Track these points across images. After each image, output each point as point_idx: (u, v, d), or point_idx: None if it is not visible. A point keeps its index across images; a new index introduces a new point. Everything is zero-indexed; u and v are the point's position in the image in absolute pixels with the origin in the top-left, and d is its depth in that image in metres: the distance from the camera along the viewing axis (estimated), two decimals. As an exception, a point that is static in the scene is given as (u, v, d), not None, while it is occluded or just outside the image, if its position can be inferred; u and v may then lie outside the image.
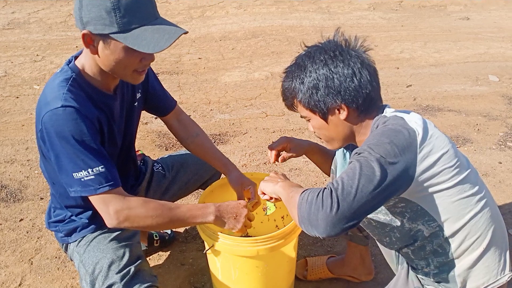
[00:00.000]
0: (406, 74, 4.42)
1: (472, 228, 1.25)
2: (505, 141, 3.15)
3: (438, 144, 1.21)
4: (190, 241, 2.20)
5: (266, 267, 1.57)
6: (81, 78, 1.35)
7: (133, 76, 1.34)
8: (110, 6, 1.17)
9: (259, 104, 3.74)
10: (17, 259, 2.08)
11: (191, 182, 1.92)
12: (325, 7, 7.06)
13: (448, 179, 1.21)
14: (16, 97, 3.85)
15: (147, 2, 1.24)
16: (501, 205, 2.44)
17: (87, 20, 1.20)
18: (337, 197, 1.09)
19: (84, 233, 1.52)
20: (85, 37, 1.24)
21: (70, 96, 1.28)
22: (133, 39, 1.20)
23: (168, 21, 1.29)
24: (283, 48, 5.13)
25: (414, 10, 7.08)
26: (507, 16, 6.77)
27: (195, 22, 6.23)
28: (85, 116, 1.29)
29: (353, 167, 1.14)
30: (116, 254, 1.43)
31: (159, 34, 1.22)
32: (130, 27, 1.20)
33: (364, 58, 1.30)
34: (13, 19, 6.11)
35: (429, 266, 1.34)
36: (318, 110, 1.29)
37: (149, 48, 1.20)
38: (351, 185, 1.10)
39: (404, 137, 1.17)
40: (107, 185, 1.30)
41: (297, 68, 1.32)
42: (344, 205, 1.09)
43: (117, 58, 1.26)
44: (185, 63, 4.70)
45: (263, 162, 2.87)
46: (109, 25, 1.19)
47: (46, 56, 4.79)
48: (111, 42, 1.23)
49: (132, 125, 1.62)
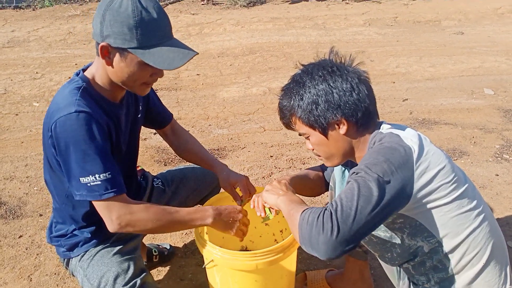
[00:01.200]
0: (402, 88, 4.47)
1: (471, 243, 1.26)
2: (501, 153, 3.17)
3: (434, 160, 1.22)
4: (189, 256, 2.20)
5: (265, 281, 1.57)
6: (91, 87, 1.40)
7: (141, 88, 1.41)
8: (133, 24, 1.25)
9: (257, 119, 3.77)
10: (16, 275, 2.07)
11: (190, 198, 1.93)
12: (321, 23, 7.15)
13: (445, 194, 1.22)
14: (15, 114, 3.87)
15: (166, 23, 1.33)
16: (499, 217, 2.45)
17: (107, 33, 1.27)
18: (337, 220, 1.10)
19: (87, 247, 1.53)
20: (103, 49, 1.29)
21: (82, 102, 1.33)
22: (150, 56, 1.28)
23: (181, 42, 1.38)
24: (280, 64, 5.19)
25: (409, 26, 7.18)
26: (500, 30, 6.87)
27: (193, 39, 6.30)
28: (97, 122, 1.33)
29: (351, 188, 1.15)
30: (121, 267, 1.45)
31: (174, 53, 1.31)
32: (149, 44, 1.28)
33: (360, 73, 1.32)
34: (13, 37, 6.18)
35: (429, 282, 1.34)
36: (318, 125, 1.30)
37: (164, 65, 1.29)
38: (350, 206, 1.11)
39: (400, 155, 1.18)
40: (112, 191, 1.33)
41: (296, 85, 1.33)
42: (344, 228, 1.09)
43: (131, 71, 1.33)
44: (184, 79, 4.74)
45: (261, 176, 2.89)
46: (129, 40, 1.26)
47: (45, 74, 4.83)
48: (128, 55, 1.30)
49: (135, 136, 1.67)
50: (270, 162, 3.07)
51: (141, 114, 1.67)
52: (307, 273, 2.00)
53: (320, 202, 2.55)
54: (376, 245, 1.42)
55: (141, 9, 1.26)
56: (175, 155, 3.15)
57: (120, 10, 1.25)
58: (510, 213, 2.49)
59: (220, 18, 7.33)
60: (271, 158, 3.12)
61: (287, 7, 8.17)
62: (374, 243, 1.42)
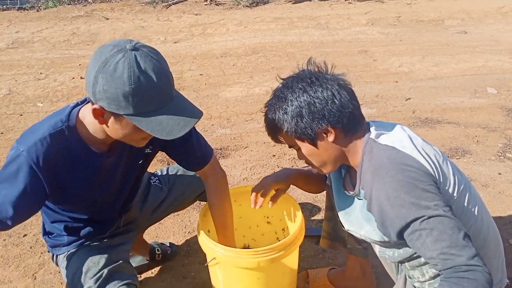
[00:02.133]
0: (405, 88, 4.47)
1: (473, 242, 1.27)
2: (504, 152, 3.17)
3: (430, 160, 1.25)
4: (192, 254, 2.21)
5: (267, 278, 1.58)
6: (72, 131, 1.31)
7: (138, 142, 1.32)
8: (129, 91, 1.12)
9: (260, 119, 3.77)
10: (21, 274, 2.09)
11: (187, 193, 1.91)
12: (324, 23, 7.15)
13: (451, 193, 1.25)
14: (20, 114, 3.90)
15: (166, 84, 1.18)
16: (501, 215, 2.45)
17: (100, 97, 1.15)
18: (478, 266, 1.09)
19: (68, 249, 1.58)
20: (95, 111, 1.19)
21: (39, 147, 1.25)
22: (147, 124, 1.17)
23: (183, 97, 1.26)
24: (283, 64, 5.20)
25: (412, 25, 7.17)
26: (504, 29, 6.84)
27: (196, 39, 6.32)
28: (34, 175, 1.26)
29: (439, 236, 1.13)
30: (92, 261, 1.48)
31: (174, 121, 1.18)
32: (146, 110, 1.16)
33: (339, 80, 1.33)
34: (17, 38, 6.21)
35: (424, 277, 1.35)
36: (306, 137, 1.31)
37: (162, 135, 1.18)
38: (464, 248, 1.11)
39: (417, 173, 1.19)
40: None
41: (278, 100, 1.34)
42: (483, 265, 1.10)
43: (126, 133, 1.24)
44: (187, 79, 4.76)
45: (264, 175, 2.89)
46: (124, 107, 1.15)
47: (49, 74, 4.86)
48: (123, 120, 1.19)
49: (130, 178, 1.58)
50: (272, 161, 3.08)
51: (146, 157, 1.58)
52: (309, 271, 2.01)
53: (322, 200, 2.56)
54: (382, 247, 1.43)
55: (139, 75, 1.12)
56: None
57: (115, 75, 1.11)
58: (513, 211, 2.50)
59: (223, 18, 7.34)
60: (274, 157, 3.13)
61: (290, 7, 8.17)
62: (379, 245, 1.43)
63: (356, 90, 1.39)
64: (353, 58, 5.41)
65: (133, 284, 1.47)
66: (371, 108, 3.89)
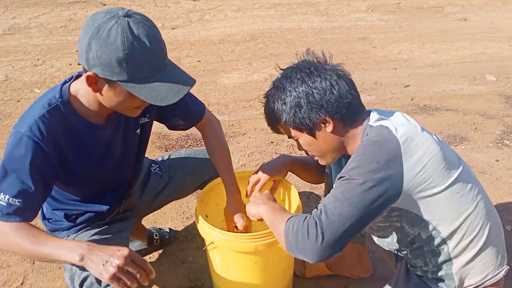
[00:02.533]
0: (404, 75, 4.45)
1: (468, 227, 1.27)
2: (502, 139, 3.17)
3: (424, 150, 1.22)
4: (190, 239, 2.22)
5: (264, 262, 1.59)
6: (67, 105, 1.31)
7: (132, 111, 1.32)
8: (122, 57, 1.12)
9: (258, 105, 3.76)
10: (19, 258, 2.10)
11: (188, 182, 1.91)
12: (323, 10, 7.10)
13: (438, 183, 1.22)
14: (17, 100, 3.88)
15: (158, 51, 1.19)
16: (498, 202, 2.47)
17: (94, 63, 1.15)
18: (322, 228, 1.15)
19: (68, 233, 1.58)
20: (89, 78, 1.19)
21: (39, 125, 1.25)
22: (141, 90, 1.17)
23: (176, 66, 1.27)
24: (281, 50, 5.17)
25: (411, 12, 7.12)
26: (504, 16, 6.81)
27: (194, 25, 6.27)
28: (41, 153, 1.26)
29: (335, 193, 1.19)
30: None
31: (167, 88, 1.19)
32: (140, 76, 1.16)
33: (338, 70, 1.32)
34: (14, 24, 6.16)
35: (427, 266, 1.36)
36: (304, 127, 1.31)
37: (156, 101, 1.18)
38: (334, 212, 1.15)
39: (388, 151, 1.19)
40: (11, 218, 1.27)
41: (277, 90, 1.34)
42: (328, 234, 1.15)
43: (120, 100, 1.23)
44: (185, 65, 4.73)
45: (262, 162, 2.90)
46: (118, 73, 1.15)
47: (46, 61, 4.83)
48: (117, 86, 1.19)
49: (130, 150, 1.59)
50: (270, 148, 3.08)
51: (143, 127, 1.59)
52: (306, 256, 2.02)
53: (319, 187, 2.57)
54: (375, 232, 1.44)
55: (132, 40, 1.12)
56: (176, 141, 3.16)
57: (108, 41, 1.11)
58: (510, 198, 2.51)
59: (221, 4, 7.28)
60: (272, 144, 3.13)
61: (289, -7, 8.09)
62: (374, 231, 1.43)
63: (355, 77, 1.37)
64: (352, 45, 5.38)
65: None
66: (370, 95, 3.88)
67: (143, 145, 1.66)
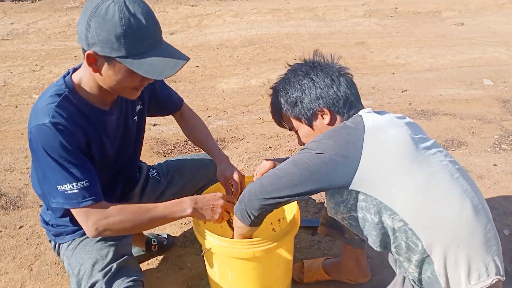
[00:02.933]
0: (401, 79, 4.47)
1: (440, 225, 1.24)
2: (499, 143, 3.18)
3: (391, 139, 1.25)
4: (188, 245, 2.22)
5: (262, 269, 1.59)
6: (74, 94, 1.37)
7: (131, 92, 1.38)
8: (120, 33, 1.19)
9: (256, 110, 3.77)
10: (17, 265, 2.09)
11: (186, 187, 1.93)
12: (321, 15, 7.12)
13: (401, 173, 1.23)
14: (15, 106, 3.88)
15: (155, 28, 1.26)
16: (496, 206, 2.47)
17: (93, 41, 1.21)
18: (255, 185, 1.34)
19: (72, 237, 1.57)
20: (89, 57, 1.25)
21: (58, 111, 1.31)
22: (139, 65, 1.23)
23: (171, 46, 1.33)
24: (279, 55, 5.18)
25: (409, 17, 7.15)
26: (501, 21, 6.84)
27: (192, 30, 6.28)
28: (71, 133, 1.32)
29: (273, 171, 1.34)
30: (100, 254, 1.47)
31: (164, 62, 1.25)
32: (137, 52, 1.23)
33: (341, 68, 1.43)
34: (12, 29, 6.17)
35: (411, 266, 1.33)
36: (303, 117, 1.41)
37: (154, 75, 1.24)
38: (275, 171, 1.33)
39: (350, 133, 1.27)
40: (90, 199, 1.34)
41: (282, 81, 1.46)
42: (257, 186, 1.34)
43: (119, 78, 1.29)
44: (183, 70, 4.73)
45: (260, 167, 2.90)
46: (117, 49, 1.21)
47: (45, 66, 4.83)
48: (116, 64, 1.25)
49: (129, 138, 1.64)
50: (269, 153, 3.08)
51: (139, 115, 1.65)
52: (304, 261, 2.02)
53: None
54: (356, 228, 1.41)
55: (129, 16, 1.19)
56: (174, 147, 3.16)
57: (106, 18, 1.19)
58: (507, 202, 2.51)
59: (219, 9, 7.30)
60: (270, 149, 3.13)
61: (287, -2, 8.13)
62: (354, 227, 1.40)
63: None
64: (350, 49, 5.39)
65: (139, 280, 1.47)
66: (368, 100, 3.89)
67: (140, 135, 1.72)
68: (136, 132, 1.67)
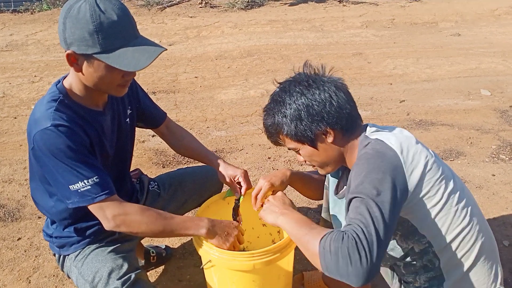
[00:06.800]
0: (399, 90, 4.49)
1: (461, 242, 1.27)
2: (498, 153, 3.19)
3: (419, 159, 1.24)
4: (187, 257, 2.21)
5: (262, 281, 1.58)
6: (68, 98, 1.40)
7: (117, 89, 1.40)
8: (93, 29, 1.23)
9: (255, 121, 3.78)
10: (15, 278, 2.08)
11: (189, 202, 1.93)
12: (319, 26, 7.18)
13: (435, 192, 1.23)
14: (14, 117, 3.88)
15: (127, 23, 1.30)
16: (495, 217, 2.47)
17: (70, 41, 1.26)
18: (364, 250, 1.06)
19: (78, 247, 1.57)
20: (69, 57, 1.30)
21: (58, 114, 1.34)
22: (115, 59, 1.27)
23: (148, 39, 1.36)
24: (278, 66, 5.21)
25: (406, 28, 7.21)
26: (497, 31, 6.90)
27: (191, 42, 6.32)
28: (75, 132, 1.35)
29: (361, 212, 1.12)
30: (116, 263, 1.47)
31: (139, 53, 1.28)
32: (112, 47, 1.26)
33: (336, 81, 1.35)
34: (11, 41, 6.19)
35: (419, 281, 1.35)
36: (305, 139, 1.33)
37: (130, 67, 1.27)
38: (370, 232, 1.08)
39: (389, 161, 1.20)
40: (104, 193, 1.36)
41: (276, 104, 1.35)
42: (373, 256, 1.06)
43: (100, 75, 1.32)
44: (182, 82, 4.76)
45: (259, 178, 2.89)
46: (92, 46, 1.25)
47: (44, 77, 4.84)
48: (94, 61, 1.29)
49: (124, 140, 1.66)
50: (268, 163, 3.08)
51: (130, 118, 1.67)
52: (304, 273, 2.01)
53: (316, 203, 2.56)
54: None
55: (100, 13, 1.24)
56: (173, 157, 3.16)
57: (78, 17, 1.24)
58: (506, 212, 2.51)
59: (218, 20, 7.35)
60: (269, 159, 3.14)
61: (285, 10, 8.20)
62: None
63: (351, 93, 1.40)
64: (348, 60, 5.43)
65: None
66: (366, 111, 3.91)
67: (133, 138, 1.74)
68: (130, 133, 1.69)
